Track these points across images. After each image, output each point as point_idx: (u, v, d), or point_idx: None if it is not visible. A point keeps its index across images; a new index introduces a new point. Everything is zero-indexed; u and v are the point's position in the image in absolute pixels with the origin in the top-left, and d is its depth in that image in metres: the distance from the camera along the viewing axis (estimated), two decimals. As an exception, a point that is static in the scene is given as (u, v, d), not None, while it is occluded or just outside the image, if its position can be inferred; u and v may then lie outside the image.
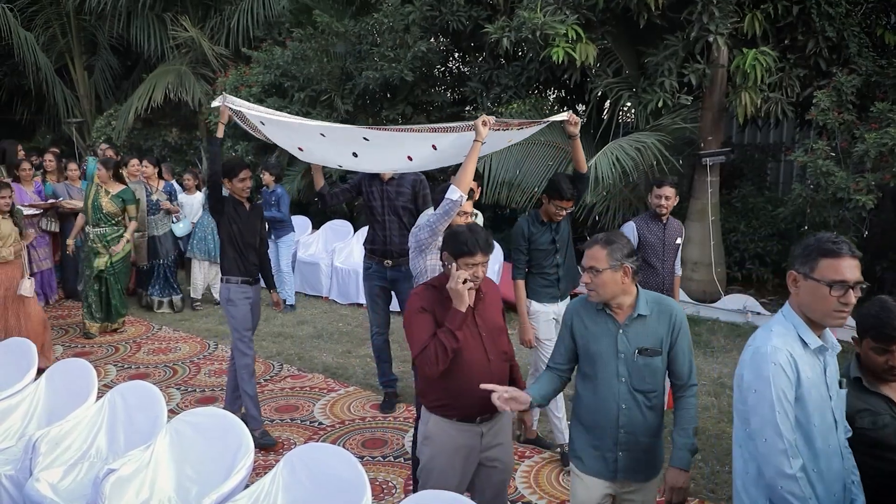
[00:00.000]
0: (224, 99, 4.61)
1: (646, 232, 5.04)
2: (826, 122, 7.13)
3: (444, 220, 3.61)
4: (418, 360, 3.00)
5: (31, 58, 14.58)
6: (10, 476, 3.70)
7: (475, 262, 2.99)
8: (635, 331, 2.81)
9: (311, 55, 10.21)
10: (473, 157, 3.67)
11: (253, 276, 5.04)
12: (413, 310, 3.08)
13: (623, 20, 7.94)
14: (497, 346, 3.14)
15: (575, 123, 4.21)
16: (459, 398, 3.05)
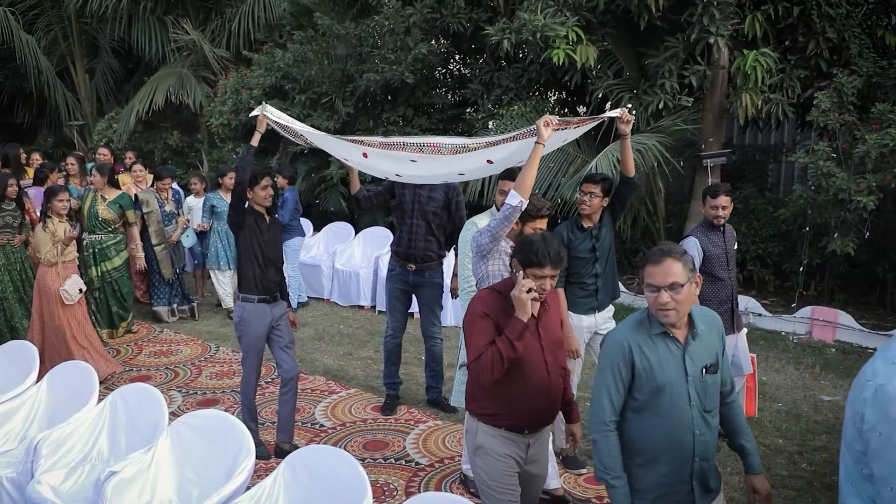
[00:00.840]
0: (263, 108, 4.48)
1: (708, 244, 4.75)
2: (827, 124, 7.13)
3: (506, 225, 3.53)
4: (472, 365, 2.90)
5: (33, 61, 14.60)
6: (12, 479, 3.70)
7: (543, 274, 2.87)
8: (696, 349, 2.64)
9: (311, 57, 10.22)
10: (535, 160, 3.55)
11: (272, 293, 4.71)
12: (474, 314, 2.98)
13: (623, 22, 7.94)
14: (557, 360, 3.06)
15: (627, 121, 4.05)
16: (513, 408, 2.96)
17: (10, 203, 6.59)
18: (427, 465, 4.69)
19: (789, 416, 5.42)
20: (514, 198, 3.48)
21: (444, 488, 4.39)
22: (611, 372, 2.64)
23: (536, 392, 2.93)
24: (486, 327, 2.92)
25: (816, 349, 6.88)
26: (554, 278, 2.92)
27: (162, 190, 8.15)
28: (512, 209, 3.49)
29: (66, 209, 6.09)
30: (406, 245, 5.25)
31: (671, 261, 2.55)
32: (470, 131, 9.53)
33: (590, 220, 4.53)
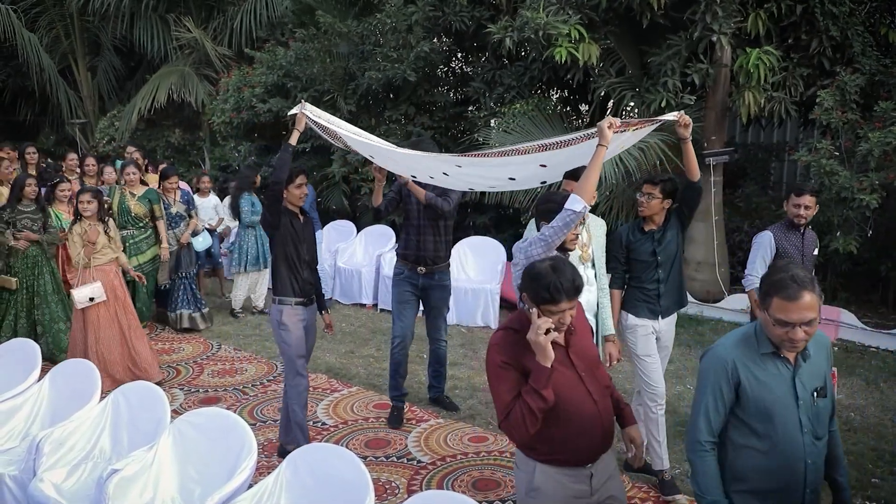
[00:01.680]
0: (302, 107, 4.35)
1: (784, 242, 4.68)
2: (830, 122, 7.11)
3: (563, 233, 3.23)
4: (503, 425, 2.61)
5: (35, 59, 14.63)
6: (14, 476, 3.71)
7: (560, 309, 2.54)
8: (807, 371, 2.45)
9: (313, 55, 10.22)
10: (598, 163, 3.27)
11: (308, 296, 4.59)
12: (493, 365, 2.66)
13: (626, 20, 7.93)
14: (598, 382, 2.76)
15: (686, 125, 3.78)
16: (567, 447, 2.67)
17: (29, 204, 6.44)
18: (429, 464, 4.69)
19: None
20: (576, 202, 3.18)
21: (445, 486, 4.38)
22: (711, 390, 2.44)
23: (587, 425, 2.65)
24: (509, 379, 2.61)
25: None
26: (573, 309, 2.61)
27: (169, 190, 7.82)
28: (573, 215, 3.19)
29: (93, 212, 5.95)
30: (415, 247, 5.14)
31: (809, 296, 2.30)
32: (472, 129, 9.52)
33: (652, 223, 4.31)
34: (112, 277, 6.03)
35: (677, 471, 4.50)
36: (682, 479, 4.40)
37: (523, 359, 2.60)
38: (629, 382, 5.99)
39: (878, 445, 4.87)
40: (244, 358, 6.82)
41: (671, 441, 4.87)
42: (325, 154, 10.46)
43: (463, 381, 6.10)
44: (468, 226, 10.00)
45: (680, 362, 6.46)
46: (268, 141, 11.85)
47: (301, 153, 10.90)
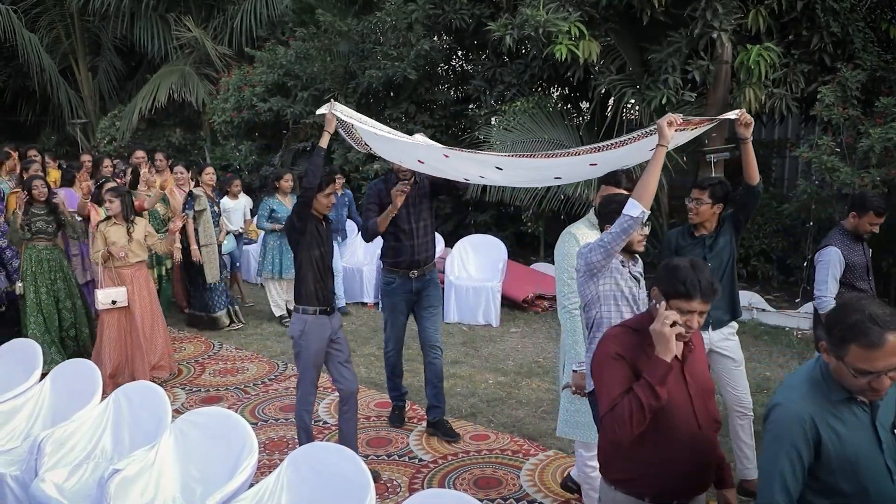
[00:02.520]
0: (332, 106, 4.18)
1: (851, 254, 4.46)
2: (831, 118, 7.10)
3: (621, 239, 3.07)
4: (606, 418, 2.43)
5: (36, 59, 14.64)
6: (16, 476, 3.71)
7: (691, 308, 2.39)
8: (883, 410, 2.19)
9: (314, 54, 10.23)
10: (657, 164, 3.07)
11: (331, 304, 4.39)
12: (605, 355, 2.52)
13: (626, 17, 7.92)
14: (708, 410, 2.56)
15: (747, 124, 3.56)
16: (657, 471, 2.46)
17: (41, 207, 6.23)
18: (430, 462, 4.69)
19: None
20: (633, 208, 2.99)
21: (447, 485, 4.38)
22: (787, 454, 2.10)
23: (686, 450, 2.44)
24: (621, 371, 2.46)
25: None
26: (703, 315, 2.45)
27: (208, 185, 7.66)
28: (631, 221, 3.01)
29: (117, 211, 5.89)
30: (410, 252, 4.87)
31: (894, 337, 2.00)
32: (472, 127, 9.52)
33: (704, 228, 4.15)
34: (131, 282, 5.94)
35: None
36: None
37: (639, 360, 2.47)
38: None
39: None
40: (245, 357, 6.82)
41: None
42: (326, 152, 10.44)
43: (464, 380, 6.10)
44: (469, 224, 10.00)
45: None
46: (268, 140, 11.85)
47: (303, 152, 10.91)
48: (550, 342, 7.05)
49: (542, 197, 8.54)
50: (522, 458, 4.70)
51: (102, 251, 5.82)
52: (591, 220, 3.88)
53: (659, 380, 2.37)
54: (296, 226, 4.25)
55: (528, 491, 4.31)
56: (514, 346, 6.98)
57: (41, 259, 6.20)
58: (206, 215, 7.49)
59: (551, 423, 5.17)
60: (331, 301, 4.40)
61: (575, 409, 3.81)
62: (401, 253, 4.88)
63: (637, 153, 3.54)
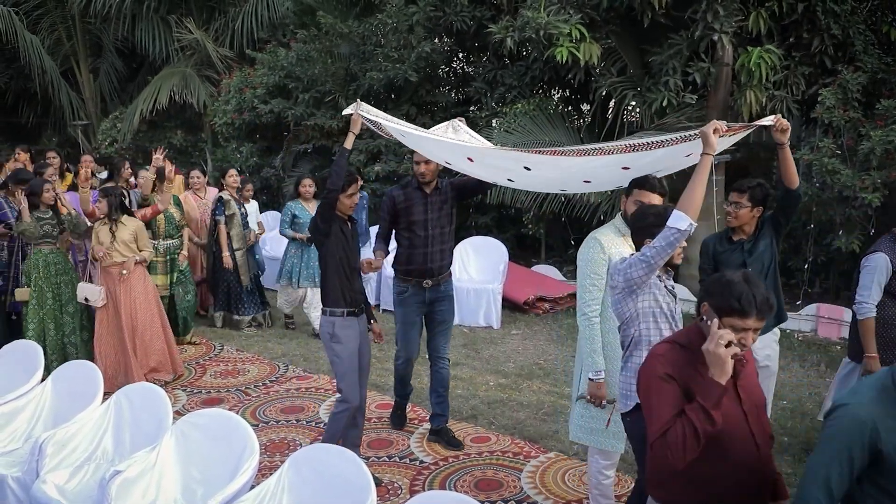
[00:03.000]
0: (358, 107, 4.11)
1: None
2: (832, 120, 7.11)
3: (666, 253, 2.91)
4: (657, 444, 2.30)
5: (37, 61, 14.64)
6: (17, 478, 3.71)
7: (746, 326, 2.27)
8: None
9: (315, 56, 10.24)
10: (704, 174, 2.93)
11: (359, 305, 4.34)
12: (652, 374, 2.39)
13: (627, 19, 7.93)
14: (763, 426, 2.45)
15: (783, 130, 3.48)
16: (714, 493, 2.35)
17: (45, 211, 6.13)
18: (431, 464, 4.69)
19: (794, 413, 5.41)
20: (680, 220, 2.83)
21: (448, 487, 4.38)
22: (838, 455, 2.05)
23: (743, 471, 2.32)
24: (671, 393, 2.33)
25: (822, 346, 6.86)
26: (757, 331, 2.33)
27: (232, 187, 7.61)
28: (678, 234, 2.84)
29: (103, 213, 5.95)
30: (422, 260, 4.69)
31: None
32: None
33: (742, 232, 4.06)
34: (121, 282, 5.95)
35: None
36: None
37: (689, 379, 2.33)
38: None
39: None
40: (247, 359, 6.82)
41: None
42: (328, 154, 10.46)
43: (465, 382, 6.10)
44: (470, 226, 10.00)
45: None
46: (269, 142, 11.86)
47: (304, 153, 10.92)
48: (551, 344, 7.05)
49: (543, 199, 8.55)
50: (523, 461, 4.70)
51: (93, 249, 5.92)
52: (617, 226, 3.74)
53: (714, 404, 2.24)
54: (320, 227, 4.20)
55: (528, 493, 4.31)
56: (515, 349, 6.98)
57: (48, 263, 6.11)
58: (237, 219, 7.44)
59: (552, 426, 5.18)
60: (358, 302, 4.33)
61: (590, 415, 3.74)
62: (413, 260, 4.72)
63: (671, 160, 3.40)
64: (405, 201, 4.69)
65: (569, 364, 6.49)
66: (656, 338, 2.98)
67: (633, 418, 3.08)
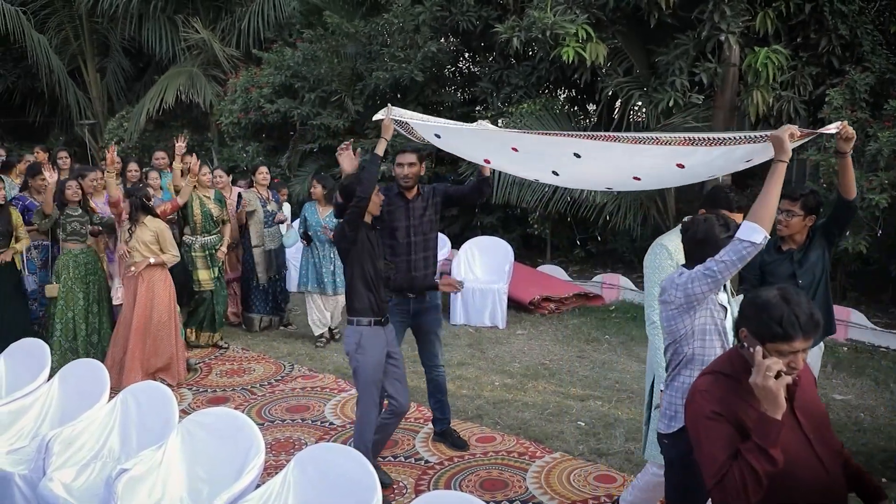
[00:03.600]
0: (389, 111, 3.99)
1: None
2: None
3: (735, 268, 2.68)
4: (715, 491, 2.13)
5: (45, 60, 14.69)
6: (24, 476, 3.72)
7: (793, 349, 2.08)
8: None
9: (321, 56, 10.25)
10: (777, 183, 2.72)
11: (385, 314, 4.22)
12: (701, 416, 2.19)
13: (633, 19, 7.91)
14: (828, 444, 2.24)
15: (847, 138, 3.33)
16: None
17: (75, 208, 6.16)
18: (437, 464, 4.69)
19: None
20: (753, 232, 2.61)
21: (453, 486, 4.39)
22: None
23: (815, 497, 2.15)
24: (722, 433, 2.14)
25: (828, 348, 6.81)
26: (807, 350, 2.14)
27: (262, 185, 7.54)
28: (750, 248, 2.62)
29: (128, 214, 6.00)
30: (406, 270, 4.51)
31: None
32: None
33: (792, 242, 3.88)
34: (137, 280, 5.93)
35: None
36: None
37: (738, 410, 2.15)
38: (637, 383, 5.98)
39: (888, 446, 4.84)
40: (252, 358, 6.84)
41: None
42: (333, 154, 10.46)
43: (470, 381, 6.10)
44: (475, 226, 10.00)
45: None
46: (275, 141, 11.88)
47: (309, 153, 10.92)
48: (557, 344, 7.05)
49: (549, 199, 8.54)
50: (529, 461, 4.69)
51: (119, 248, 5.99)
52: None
53: (772, 442, 2.05)
54: (347, 235, 4.06)
55: (534, 493, 4.30)
56: (521, 349, 6.97)
57: (78, 263, 6.10)
58: (258, 215, 7.39)
59: (557, 426, 5.18)
60: (385, 311, 4.23)
61: None
62: (397, 268, 4.51)
63: (728, 162, 3.24)
64: (387, 206, 4.42)
65: (574, 364, 6.49)
66: (710, 356, 2.80)
67: (671, 441, 2.93)
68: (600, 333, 7.31)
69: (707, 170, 3.43)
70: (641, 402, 5.57)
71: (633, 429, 5.10)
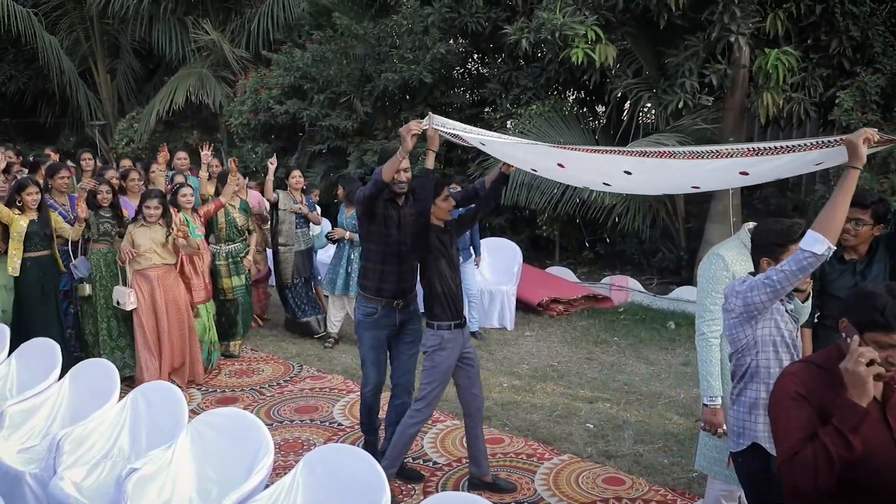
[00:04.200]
0: (431, 120, 3.85)
1: None
2: (850, 123, 7.04)
3: (797, 279, 2.60)
4: (784, 466, 2.12)
5: (56, 61, 14.78)
6: (35, 474, 3.74)
7: (892, 342, 2.07)
8: None
9: (330, 57, 10.27)
10: (848, 191, 2.58)
11: (462, 316, 4.20)
12: (782, 395, 2.20)
13: (643, 21, 7.91)
14: None
15: None
16: None
17: (107, 210, 6.10)
18: (445, 465, 4.69)
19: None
20: (817, 243, 2.50)
21: (461, 488, 4.38)
22: None
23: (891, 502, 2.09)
24: (802, 413, 2.14)
25: (838, 351, 6.80)
26: None
27: (295, 189, 7.41)
28: (813, 259, 2.51)
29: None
30: (395, 279, 4.27)
31: None
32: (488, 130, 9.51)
33: (854, 252, 3.64)
34: (155, 283, 5.86)
35: (694, 474, 4.46)
36: (699, 482, 4.38)
37: (825, 401, 2.13)
38: (646, 385, 5.97)
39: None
40: (261, 358, 6.85)
41: (690, 443, 4.84)
42: (342, 155, 10.49)
43: (479, 383, 6.10)
44: (484, 227, 10.00)
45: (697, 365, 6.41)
46: (284, 142, 11.91)
47: (318, 154, 10.95)
48: (565, 346, 7.04)
49: (558, 201, 8.54)
50: (537, 462, 4.69)
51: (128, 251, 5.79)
52: (742, 239, 3.44)
53: (852, 427, 2.02)
54: (425, 243, 4.08)
55: (542, 495, 4.30)
56: (529, 350, 6.97)
57: (108, 262, 6.07)
58: (288, 216, 7.29)
59: (566, 427, 5.17)
60: (462, 312, 4.20)
61: (714, 444, 3.46)
62: (385, 278, 4.27)
63: (797, 166, 3.12)
64: (382, 206, 4.25)
65: (583, 366, 6.48)
66: (776, 369, 2.73)
67: (745, 459, 2.83)
68: (609, 335, 7.30)
69: (774, 174, 3.32)
70: (650, 404, 5.60)
71: (642, 431, 5.09)
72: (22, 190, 5.78)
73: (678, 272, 9.04)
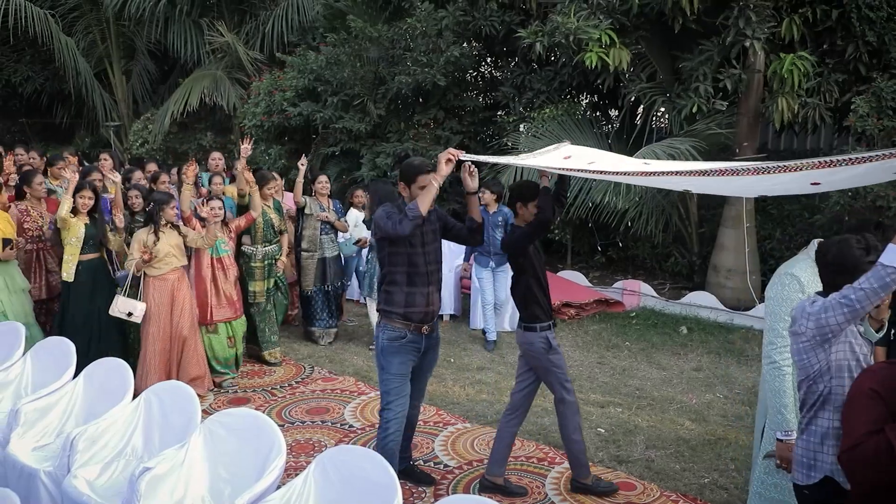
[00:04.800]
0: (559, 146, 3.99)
1: None
2: (865, 129, 7.01)
3: (878, 298, 2.38)
4: (844, 457, 2.13)
5: (72, 63, 14.90)
6: (49, 472, 3.77)
7: None
8: None
9: (344, 60, 10.30)
10: None
11: (553, 317, 4.40)
12: (860, 391, 2.17)
13: (657, 25, 7.89)
14: None
15: None
16: None
17: (142, 215, 6.12)
18: (455, 468, 4.69)
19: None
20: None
21: (472, 491, 4.38)
22: None
23: None
24: (872, 409, 2.09)
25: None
26: None
27: (322, 194, 7.33)
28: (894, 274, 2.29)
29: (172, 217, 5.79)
30: (424, 302, 4.05)
31: None
32: (501, 134, 9.52)
33: None
34: (173, 287, 5.78)
35: (706, 480, 4.45)
36: (711, 489, 4.36)
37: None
38: (657, 391, 5.95)
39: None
40: (273, 359, 6.87)
41: (701, 448, 4.83)
42: (355, 157, 10.52)
43: (489, 386, 6.10)
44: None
45: (710, 370, 6.40)
46: (298, 144, 11.95)
47: (331, 156, 10.98)
48: (576, 350, 7.02)
49: (570, 205, 8.52)
50: (548, 466, 4.68)
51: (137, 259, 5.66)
52: (812, 256, 3.22)
53: None
54: (526, 248, 4.24)
55: (553, 499, 4.29)
56: (540, 354, 6.94)
57: None
58: (313, 221, 7.20)
59: (577, 432, 5.15)
60: (552, 314, 4.40)
61: (773, 482, 3.24)
62: (414, 301, 4.01)
63: (874, 175, 3.02)
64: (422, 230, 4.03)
65: (594, 371, 6.47)
66: None
67: (812, 493, 2.64)
68: (620, 340, 7.28)
69: (847, 183, 3.21)
70: (662, 409, 5.57)
71: (653, 436, 5.07)
72: (76, 193, 5.72)
73: (691, 277, 9.01)
